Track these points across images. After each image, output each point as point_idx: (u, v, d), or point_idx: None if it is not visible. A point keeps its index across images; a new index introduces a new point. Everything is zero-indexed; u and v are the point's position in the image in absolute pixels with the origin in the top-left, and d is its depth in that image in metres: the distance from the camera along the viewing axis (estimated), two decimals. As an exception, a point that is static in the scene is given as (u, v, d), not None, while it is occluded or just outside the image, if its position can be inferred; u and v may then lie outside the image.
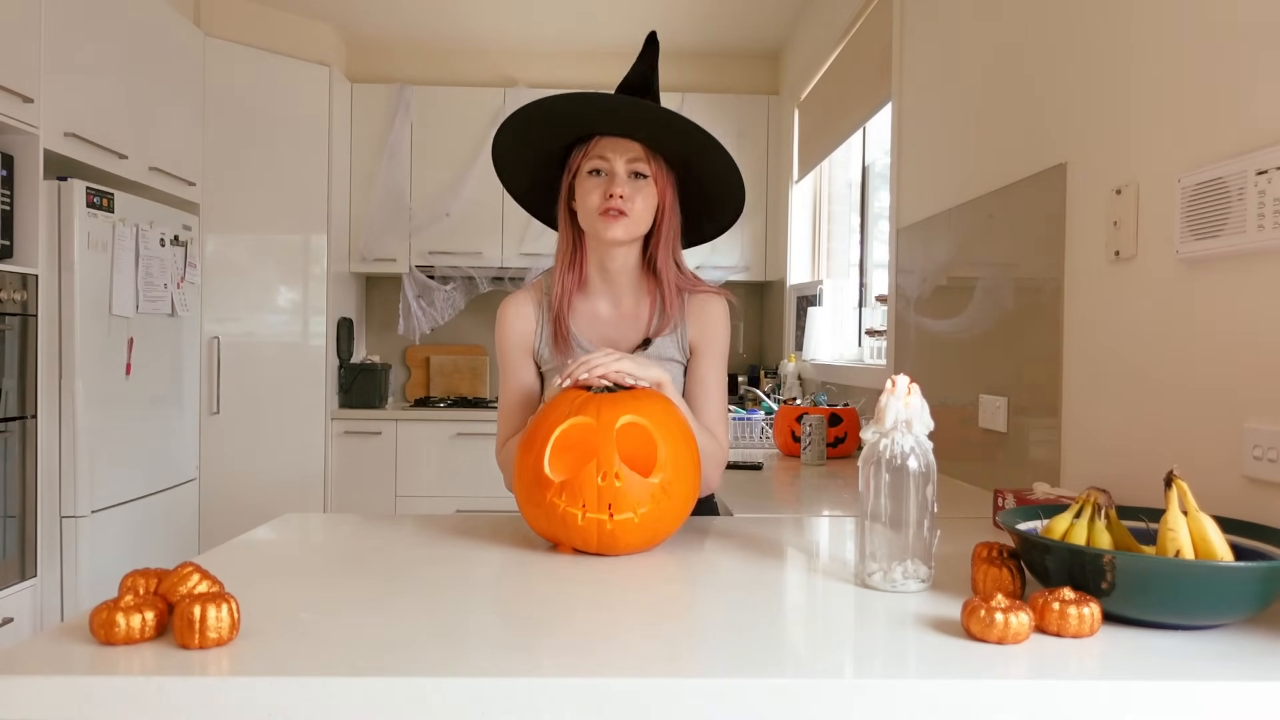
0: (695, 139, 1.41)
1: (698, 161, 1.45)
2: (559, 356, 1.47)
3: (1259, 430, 1.19)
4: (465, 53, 4.59)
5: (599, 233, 1.42)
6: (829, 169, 3.98)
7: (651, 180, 1.43)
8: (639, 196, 1.42)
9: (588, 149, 1.43)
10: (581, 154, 1.44)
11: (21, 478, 2.54)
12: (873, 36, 3.00)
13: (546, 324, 1.50)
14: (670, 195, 1.46)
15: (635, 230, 1.44)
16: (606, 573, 1.15)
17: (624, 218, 1.41)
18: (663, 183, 1.44)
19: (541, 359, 1.50)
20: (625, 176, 1.42)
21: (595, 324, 1.50)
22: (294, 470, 3.96)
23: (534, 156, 1.50)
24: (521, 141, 1.48)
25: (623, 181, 1.41)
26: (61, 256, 2.73)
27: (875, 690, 0.79)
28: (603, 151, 1.42)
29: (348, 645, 0.86)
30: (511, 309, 1.51)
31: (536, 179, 1.54)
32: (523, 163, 1.52)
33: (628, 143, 1.42)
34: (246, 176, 3.83)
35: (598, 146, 1.43)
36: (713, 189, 1.50)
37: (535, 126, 1.45)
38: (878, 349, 3.04)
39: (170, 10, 3.41)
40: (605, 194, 1.41)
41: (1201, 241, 1.29)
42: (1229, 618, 0.93)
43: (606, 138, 1.43)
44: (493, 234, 4.37)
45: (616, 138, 1.42)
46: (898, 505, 1.07)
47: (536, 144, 1.48)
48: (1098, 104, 1.60)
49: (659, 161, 1.44)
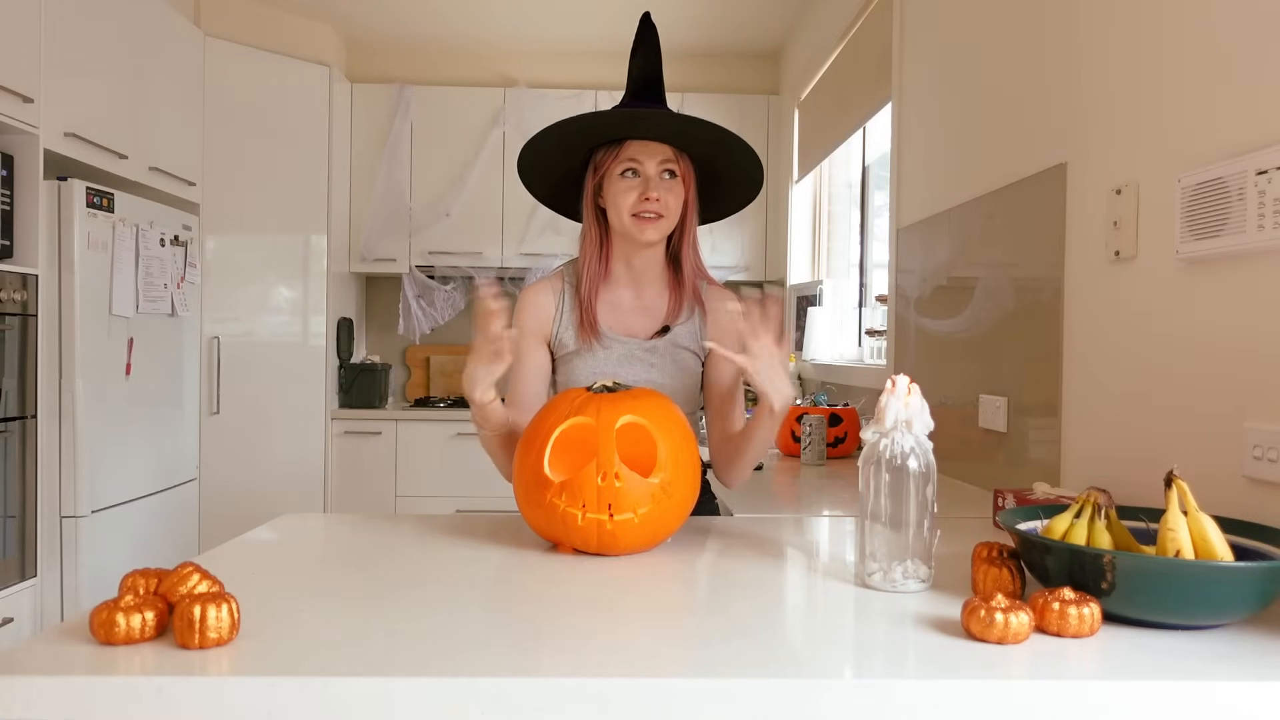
0: (721, 140, 1.45)
1: (720, 156, 1.49)
2: (582, 343, 1.50)
3: (1259, 430, 1.19)
4: (465, 53, 4.59)
5: (634, 234, 1.46)
6: (829, 169, 3.98)
7: (680, 179, 1.47)
8: (671, 196, 1.46)
9: (618, 152, 1.46)
10: (612, 156, 1.46)
11: (21, 478, 2.54)
12: (873, 36, 3.00)
13: (569, 311, 1.52)
14: (693, 189, 1.50)
15: (667, 230, 1.48)
16: (606, 573, 1.15)
17: (659, 220, 1.45)
18: (688, 177, 1.48)
19: (560, 345, 1.53)
20: (658, 178, 1.45)
21: (617, 312, 1.53)
22: (294, 470, 3.96)
23: (559, 160, 1.53)
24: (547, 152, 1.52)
25: (657, 184, 1.44)
26: (61, 256, 2.73)
27: (875, 690, 0.79)
28: (634, 154, 1.45)
29: (348, 645, 0.86)
30: (531, 296, 1.54)
31: (558, 177, 1.57)
32: (546, 166, 1.55)
33: (657, 145, 1.45)
34: (246, 177, 3.83)
35: (628, 150, 1.45)
36: (731, 176, 1.54)
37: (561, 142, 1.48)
38: (878, 349, 3.04)
39: (170, 10, 3.41)
40: (641, 197, 1.44)
41: (1201, 241, 1.29)
42: (1229, 618, 0.93)
43: (636, 141, 1.45)
44: (493, 234, 4.37)
45: (646, 140, 1.45)
46: (898, 505, 1.07)
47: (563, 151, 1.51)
48: (1098, 104, 1.60)
49: (685, 159, 1.47)
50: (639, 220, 1.44)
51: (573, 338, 1.51)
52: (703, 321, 1.54)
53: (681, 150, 1.47)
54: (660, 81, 1.52)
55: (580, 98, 4.33)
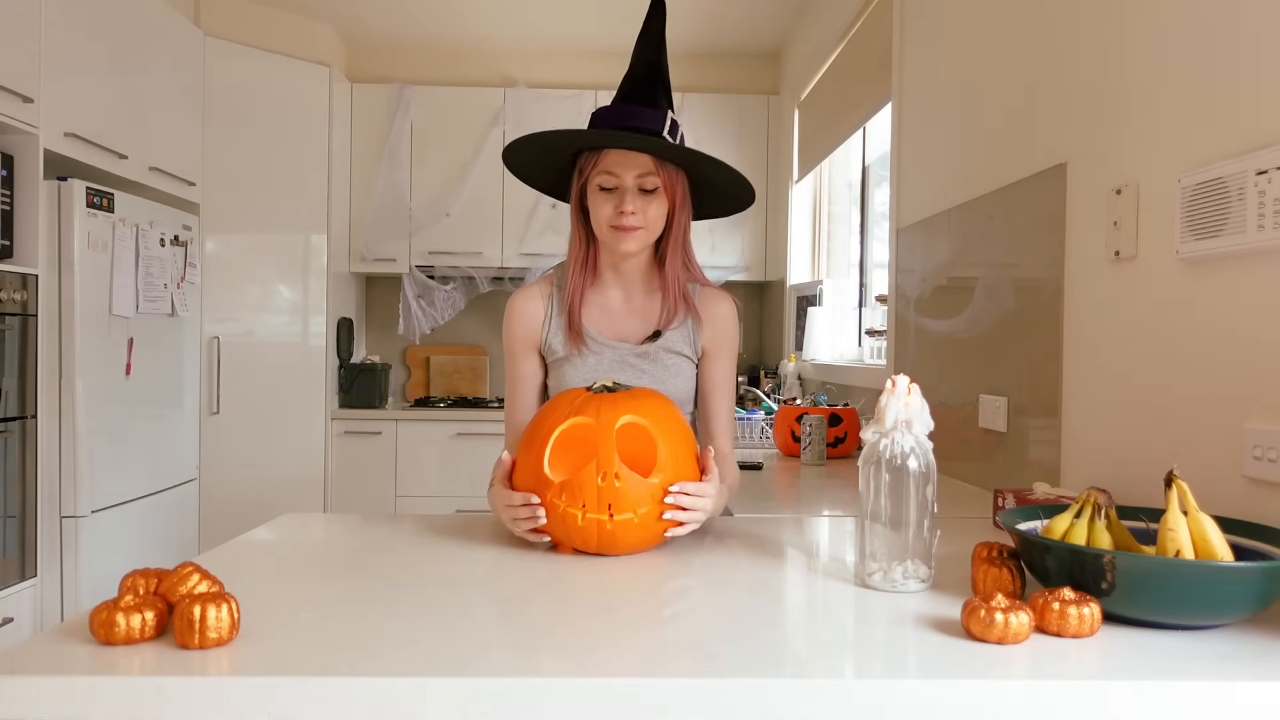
0: (696, 160, 1.43)
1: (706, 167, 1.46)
2: (571, 349, 1.49)
3: (1259, 430, 1.19)
4: (465, 53, 4.59)
5: (612, 246, 1.45)
6: (829, 169, 3.97)
7: (663, 188, 1.43)
8: (650, 208, 1.43)
9: (597, 161, 1.43)
10: (592, 164, 1.43)
11: (21, 478, 2.54)
12: (873, 36, 3.00)
13: (557, 316, 1.51)
14: (680, 194, 1.46)
15: (647, 240, 1.45)
16: (606, 573, 1.15)
17: (637, 231, 1.42)
18: (672, 186, 1.44)
19: (550, 351, 1.51)
20: (635, 192, 1.42)
21: (606, 316, 1.52)
22: (294, 470, 3.96)
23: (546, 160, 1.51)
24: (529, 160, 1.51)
25: (633, 198, 1.41)
26: (61, 256, 2.73)
27: (875, 690, 0.79)
28: (611, 167, 1.42)
29: (348, 645, 0.86)
30: (519, 303, 1.53)
31: (549, 173, 1.55)
32: (533, 164, 1.54)
33: (637, 156, 1.41)
34: (246, 177, 3.83)
35: (606, 160, 1.42)
36: (718, 187, 1.52)
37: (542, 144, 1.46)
38: (878, 349, 3.04)
39: (170, 10, 3.41)
40: (617, 210, 1.41)
41: (1201, 241, 1.29)
42: (1229, 618, 0.93)
43: (615, 151, 1.42)
44: (493, 234, 4.37)
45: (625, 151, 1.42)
46: (898, 505, 1.07)
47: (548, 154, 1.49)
48: (1098, 104, 1.60)
49: (668, 168, 1.43)
50: (616, 231, 1.42)
51: (561, 343, 1.49)
52: (697, 325, 1.51)
53: (663, 160, 1.42)
54: (655, 79, 1.47)
55: (580, 98, 4.32)
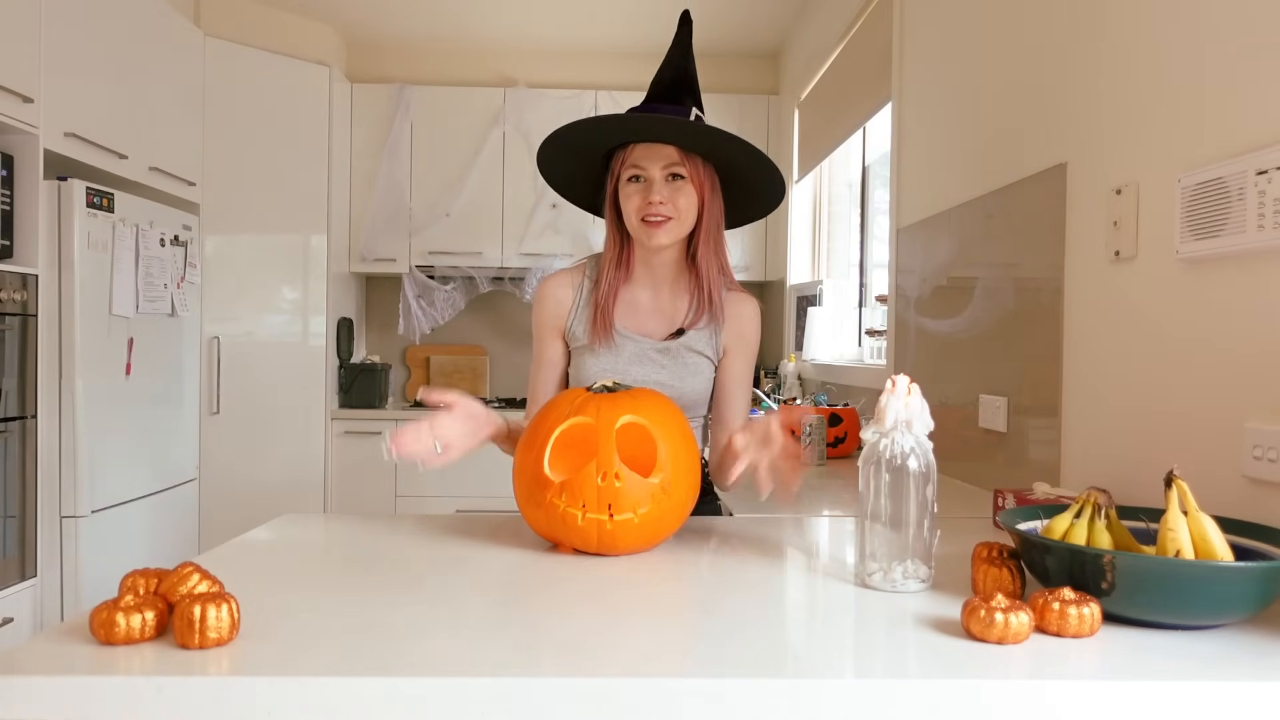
0: (719, 140, 1.44)
1: (729, 156, 1.48)
2: (593, 339, 1.51)
3: (1259, 430, 1.19)
4: (465, 53, 4.59)
5: (643, 240, 1.46)
6: (829, 169, 3.97)
7: (689, 180, 1.45)
8: (680, 197, 1.44)
9: (625, 156, 1.46)
10: (620, 161, 1.47)
11: (21, 478, 2.54)
12: (873, 36, 3.00)
13: (585, 305, 1.53)
14: (709, 189, 1.48)
15: (679, 232, 1.46)
16: (606, 573, 1.15)
17: (668, 222, 1.44)
18: (700, 179, 1.46)
19: (573, 337, 1.54)
20: (662, 181, 1.44)
21: (633, 312, 1.53)
22: (294, 470, 3.96)
23: (578, 165, 1.54)
24: (563, 157, 1.53)
25: (660, 187, 1.43)
26: (61, 256, 2.73)
27: (875, 690, 0.79)
28: (638, 160, 1.45)
29: (348, 645, 0.86)
30: (548, 289, 1.56)
31: (583, 181, 1.58)
32: (567, 171, 1.56)
33: (662, 147, 1.44)
34: (246, 176, 3.83)
35: (633, 154, 1.45)
36: (751, 176, 1.53)
37: (572, 143, 1.49)
38: (878, 349, 3.04)
39: (170, 10, 3.41)
40: (645, 201, 1.43)
41: (1201, 241, 1.29)
42: (1229, 618, 0.93)
43: (641, 144, 1.45)
44: (493, 234, 4.37)
45: (650, 143, 1.45)
46: (898, 505, 1.07)
47: (579, 155, 1.52)
48: (1098, 104, 1.60)
49: (694, 160, 1.45)
50: (646, 225, 1.44)
51: (584, 331, 1.52)
52: (720, 327, 1.53)
53: (691, 151, 1.45)
54: (681, 81, 1.50)
55: (580, 98, 4.32)
